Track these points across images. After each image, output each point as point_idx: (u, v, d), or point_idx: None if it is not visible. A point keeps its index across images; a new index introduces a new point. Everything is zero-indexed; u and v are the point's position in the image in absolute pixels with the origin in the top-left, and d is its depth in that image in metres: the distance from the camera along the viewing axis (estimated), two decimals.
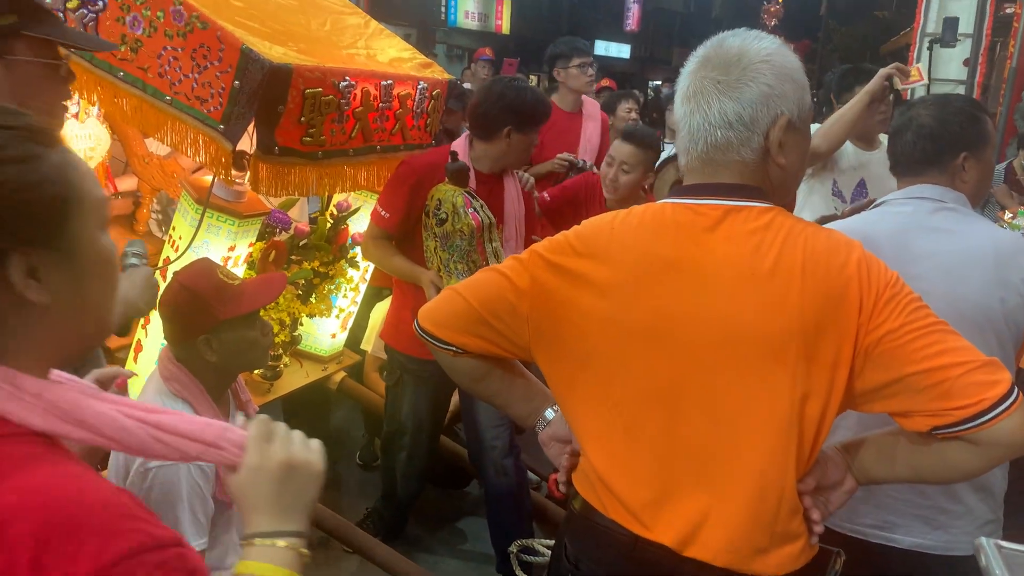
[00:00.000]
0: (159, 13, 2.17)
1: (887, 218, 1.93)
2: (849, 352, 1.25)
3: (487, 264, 2.62)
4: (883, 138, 3.37)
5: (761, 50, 1.33)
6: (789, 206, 1.44)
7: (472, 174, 2.77)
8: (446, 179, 2.67)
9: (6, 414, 0.80)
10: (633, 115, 5.90)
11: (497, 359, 1.53)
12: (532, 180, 3.21)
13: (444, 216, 2.63)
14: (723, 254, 1.30)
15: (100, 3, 2.24)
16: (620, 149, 3.31)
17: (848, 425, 1.72)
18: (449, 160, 2.69)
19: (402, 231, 2.81)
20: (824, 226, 1.59)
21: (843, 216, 2.64)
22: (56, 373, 0.91)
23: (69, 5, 2.26)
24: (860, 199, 3.26)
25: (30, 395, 0.82)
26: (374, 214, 2.81)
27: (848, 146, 3.27)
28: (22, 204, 0.81)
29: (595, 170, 4.33)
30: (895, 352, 1.23)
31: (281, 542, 0.94)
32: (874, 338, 1.24)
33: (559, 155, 4.31)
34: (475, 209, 2.61)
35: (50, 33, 1.67)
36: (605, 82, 7.70)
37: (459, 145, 2.88)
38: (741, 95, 1.31)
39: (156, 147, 3.05)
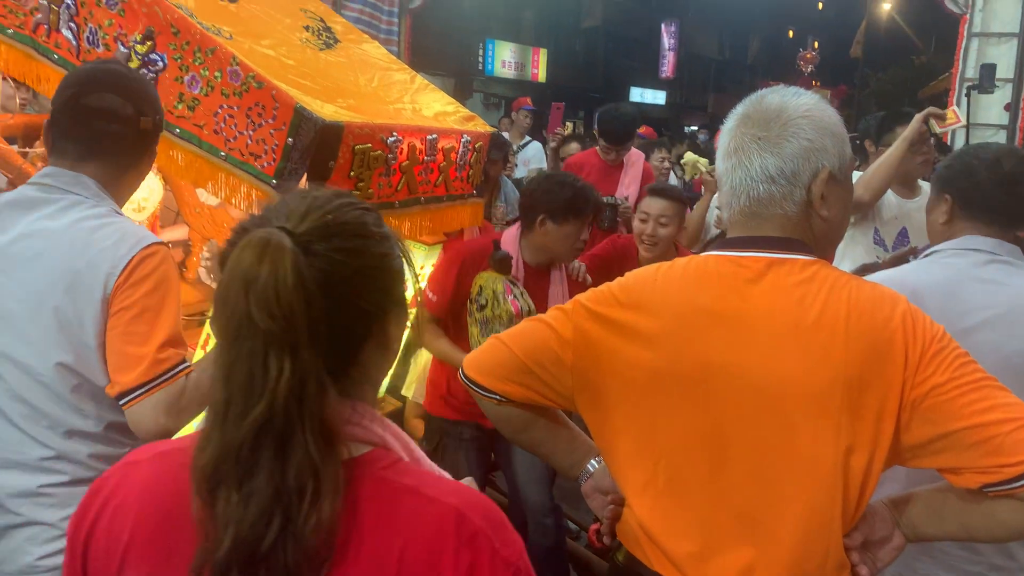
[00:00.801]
0: (216, 73, 2.26)
1: (936, 269, 1.92)
2: (894, 405, 1.25)
3: None
4: (924, 184, 3.37)
5: (800, 106, 1.36)
6: (829, 257, 1.46)
7: (521, 265, 2.88)
8: (490, 267, 2.78)
9: (392, 448, 0.95)
10: (667, 164, 5.97)
11: (541, 409, 1.55)
12: (583, 269, 3.22)
13: (484, 302, 2.73)
14: (766, 306, 1.32)
15: (160, 63, 2.33)
16: (654, 204, 3.37)
17: (896, 478, 1.71)
18: (494, 248, 2.82)
19: (448, 314, 2.91)
20: (872, 277, 1.60)
21: (884, 265, 2.63)
22: None
23: (130, 65, 2.36)
24: (902, 247, 3.26)
25: (396, 437, 0.96)
26: (422, 297, 2.91)
27: (889, 195, 3.27)
28: (392, 271, 0.97)
29: (626, 205, 4.40)
30: (942, 407, 1.23)
31: None
32: (920, 392, 1.24)
33: None
34: (515, 296, 2.69)
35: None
36: (643, 129, 7.77)
37: (511, 234, 3.00)
38: (782, 150, 1.34)
39: (206, 198, 3.15)
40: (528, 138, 7.44)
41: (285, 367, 0.83)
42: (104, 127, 1.77)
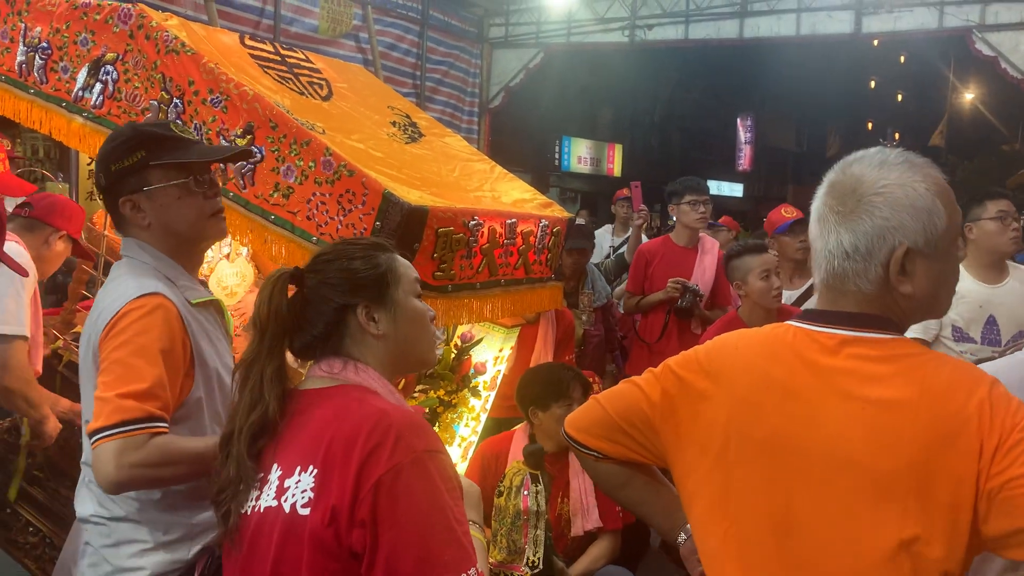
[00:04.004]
0: (311, 163, 2.40)
1: None
2: (970, 495, 1.19)
3: (525, 549, 2.78)
4: (1012, 266, 3.26)
5: (878, 180, 1.32)
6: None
7: None
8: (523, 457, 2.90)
9: (373, 389, 1.51)
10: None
11: (640, 467, 1.59)
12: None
13: (502, 490, 2.82)
14: (836, 383, 1.30)
15: (258, 155, 2.49)
16: (767, 259, 3.55)
17: None
18: (529, 440, 2.99)
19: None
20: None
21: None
22: None
23: None
24: (992, 337, 3.13)
25: (384, 387, 1.54)
26: None
27: (969, 282, 3.15)
28: (365, 279, 1.56)
29: (701, 294, 4.40)
30: (1016, 500, 1.17)
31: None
32: (996, 484, 1.18)
33: (671, 280, 4.39)
34: (530, 493, 2.75)
35: (175, 157, 1.93)
36: (724, 220, 7.80)
37: (523, 430, 3.21)
38: (856, 227, 1.32)
39: None
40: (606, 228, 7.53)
41: (255, 340, 1.51)
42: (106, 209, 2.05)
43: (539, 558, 2.78)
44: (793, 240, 4.24)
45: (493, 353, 3.37)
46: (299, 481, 1.37)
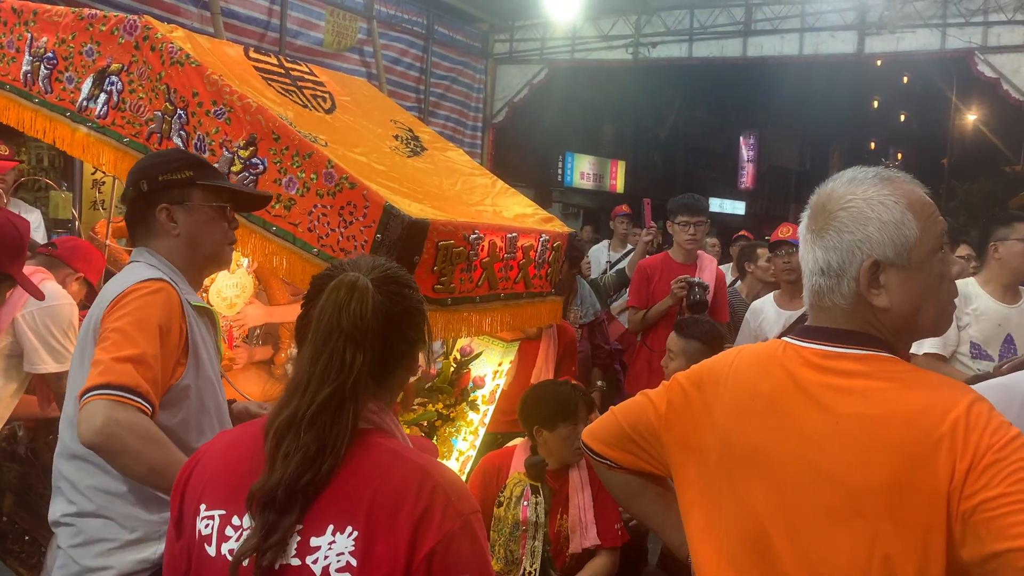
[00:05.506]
0: (312, 175, 2.41)
1: None
2: (942, 517, 1.17)
3: (522, 559, 2.77)
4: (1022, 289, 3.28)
5: (843, 196, 1.33)
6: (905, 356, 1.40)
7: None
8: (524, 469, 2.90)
9: (390, 431, 1.33)
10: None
11: (652, 479, 1.61)
12: None
13: (502, 501, 2.84)
14: (816, 396, 1.31)
15: (261, 167, 2.50)
16: (669, 338, 3.34)
17: None
18: (531, 452, 3.00)
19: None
20: (983, 384, 1.54)
21: (1000, 373, 2.52)
22: None
23: (233, 168, 2.54)
24: (1010, 355, 3.14)
25: (397, 427, 1.36)
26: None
27: (988, 300, 3.16)
28: (423, 313, 1.39)
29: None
30: (989, 524, 1.13)
31: None
32: (969, 506, 1.15)
33: (674, 280, 4.35)
34: (529, 503, 2.75)
35: (218, 182, 2.14)
36: (743, 232, 7.91)
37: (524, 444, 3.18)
38: (826, 243, 1.34)
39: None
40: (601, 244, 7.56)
41: (358, 358, 1.25)
42: (129, 214, 2.13)
43: (536, 569, 2.77)
44: (777, 260, 4.19)
45: (492, 367, 3.37)
46: (333, 542, 1.23)
